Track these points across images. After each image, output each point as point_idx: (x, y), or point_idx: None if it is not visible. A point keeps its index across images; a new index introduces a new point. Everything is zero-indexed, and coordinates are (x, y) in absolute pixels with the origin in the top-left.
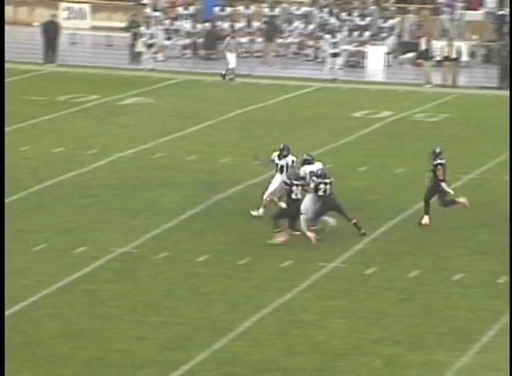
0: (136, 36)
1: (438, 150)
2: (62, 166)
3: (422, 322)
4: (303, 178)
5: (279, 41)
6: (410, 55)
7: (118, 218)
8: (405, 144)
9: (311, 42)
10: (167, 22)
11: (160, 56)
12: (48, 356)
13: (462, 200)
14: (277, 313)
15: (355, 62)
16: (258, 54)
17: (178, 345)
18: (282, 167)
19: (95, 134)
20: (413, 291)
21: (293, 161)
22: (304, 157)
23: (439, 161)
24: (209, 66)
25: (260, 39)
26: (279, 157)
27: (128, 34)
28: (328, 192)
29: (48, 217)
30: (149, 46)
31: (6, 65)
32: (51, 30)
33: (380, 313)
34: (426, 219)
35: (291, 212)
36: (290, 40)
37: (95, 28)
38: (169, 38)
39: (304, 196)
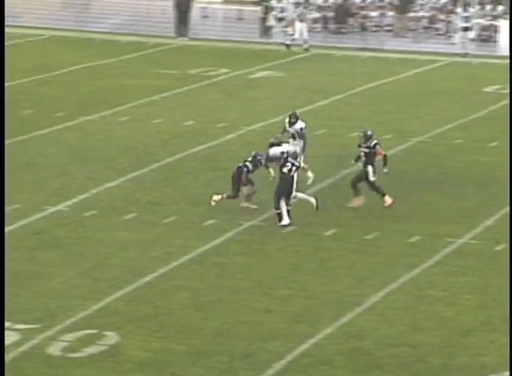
0: (267, 10)
1: (369, 133)
2: (192, 139)
3: None
4: (259, 159)
5: (410, 14)
6: None
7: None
8: None
9: (442, 16)
10: None
11: (290, 30)
12: (178, 326)
13: (388, 199)
14: (404, 289)
15: (487, 36)
16: (388, 28)
17: (305, 318)
18: (293, 134)
19: (225, 107)
20: None
21: (301, 128)
22: (271, 140)
23: (376, 141)
24: (339, 40)
25: (390, 13)
26: (289, 125)
27: (258, 8)
28: (292, 173)
29: (178, 189)
30: (280, 20)
31: (139, 39)
32: (183, 4)
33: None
34: (357, 201)
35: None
36: (421, 13)
37: (226, 2)
38: None
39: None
